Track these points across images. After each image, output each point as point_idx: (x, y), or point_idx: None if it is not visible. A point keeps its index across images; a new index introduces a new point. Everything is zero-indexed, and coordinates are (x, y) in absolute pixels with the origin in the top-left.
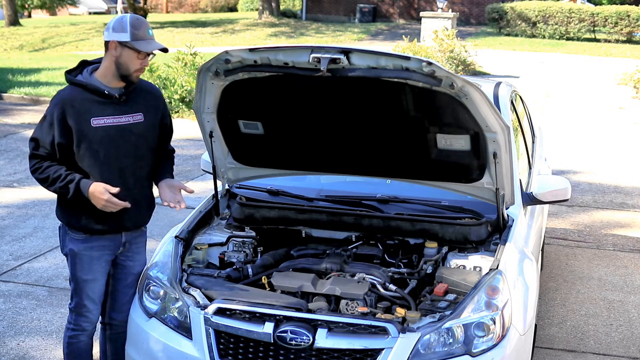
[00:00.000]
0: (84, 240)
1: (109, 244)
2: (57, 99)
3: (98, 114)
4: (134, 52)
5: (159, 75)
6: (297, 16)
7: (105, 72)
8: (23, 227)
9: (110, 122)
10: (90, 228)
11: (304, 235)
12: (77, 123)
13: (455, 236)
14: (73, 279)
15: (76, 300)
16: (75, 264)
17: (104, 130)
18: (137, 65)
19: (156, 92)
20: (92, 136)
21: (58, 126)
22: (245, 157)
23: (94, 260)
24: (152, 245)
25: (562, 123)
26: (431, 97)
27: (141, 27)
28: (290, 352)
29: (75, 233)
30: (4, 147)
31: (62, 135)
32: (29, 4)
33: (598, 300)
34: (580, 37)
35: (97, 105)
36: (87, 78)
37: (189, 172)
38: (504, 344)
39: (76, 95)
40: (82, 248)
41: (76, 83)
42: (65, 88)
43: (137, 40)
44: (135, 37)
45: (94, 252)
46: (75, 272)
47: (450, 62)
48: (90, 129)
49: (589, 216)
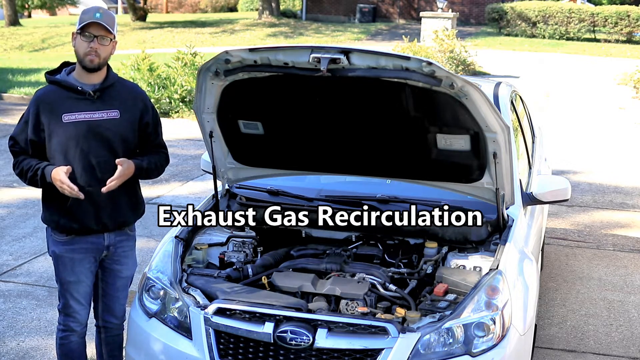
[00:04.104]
0: (66, 242)
1: (91, 247)
2: (34, 97)
3: (70, 110)
4: (82, 36)
5: (159, 75)
6: (297, 16)
7: (77, 69)
8: (23, 227)
9: (82, 118)
10: (69, 227)
11: (304, 235)
12: (49, 119)
13: (455, 236)
14: (58, 281)
15: (63, 302)
16: (58, 265)
17: (74, 125)
18: (84, 48)
19: (137, 91)
20: (63, 131)
21: (32, 123)
22: (245, 157)
23: (76, 262)
24: (152, 245)
25: (562, 123)
26: (431, 97)
27: (89, 12)
28: (290, 352)
29: (57, 235)
30: (4, 147)
31: (34, 132)
32: (29, 4)
33: (598, 300)
34: (580, 37)
35: (70, 101)
36: (63, 76)
37: (189, 172)
38: (504, 344)
39: (51, 93)
40: (64, 250)
41: (53, 81)
42: (44, 87)
43: (81, 24)
44: (82, 21)
45: (76, 254)
46: (59, 273)
47: (450, 62)
48: (61, 124)
49: (589, 216)
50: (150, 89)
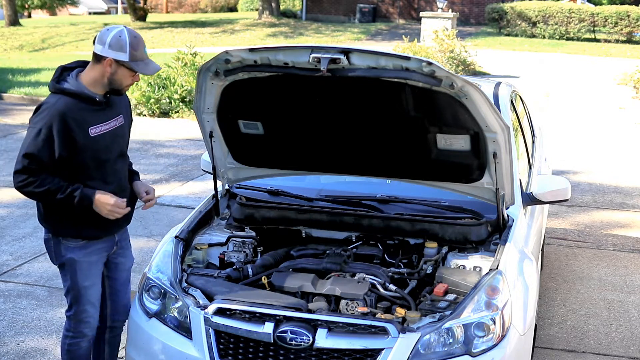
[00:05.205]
0: (82, 246)
1: (105, 246)
2: (53, 111)
3: (94, 122)
4: (130, 71)
5: (159, 75)
6: (297, 16)
7: (94, 82)
8: (23, 227)
9: (105, 129)
10: (89, 234)
11: (304, 236)
12: (78, 134)
13: (455, 236)
14: (73, 288)
15: (76, 308)
16: (75, 271)
17: (101, 137)
18: (129, 81)
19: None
20: (92, 145)
21: (59, 139)
22: (245, 157)
23: (92, 265)
24: (152, 245)
25: (562, 123)
26: (431, 97)
27: (139, 47)
28: (290, 352)
29: (72, 241)
30: (4, 147)
31: (64, 147)
32: (29, 4)
33: (598, 300)
34: (580, 37)
35: (92, 113)
36: (75, 86)
37: (189, 172)
38: (503, 344)
39: (72, 106)
40: (82, 255)
41: (69, 93)
42: (56, 99)
43: (135, 62)
44: (134, 57)
45: (93, 256)
46: (75, 280)
47: (450, 62)
48: (89, 137)
49: (589, 216)
50: (150, 89)
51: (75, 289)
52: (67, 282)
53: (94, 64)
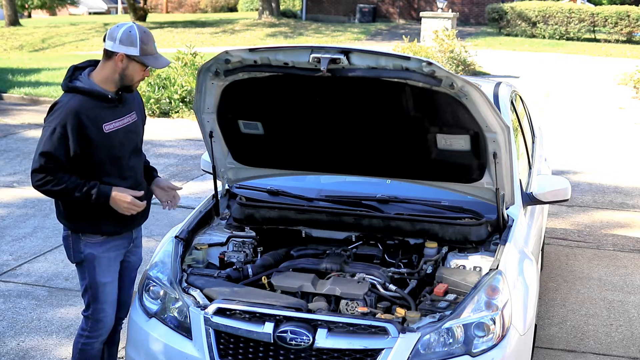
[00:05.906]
0: (102, 242)
1: (124, 242)
2: (67, 109)
3: (107, 119)
4: (141, 66)
5: (159, 74)
6: (297, 16)
7: (105, 80)
8: (23, 227)
9: (119, 125)
10: (108, 230)
11: (304, 236)
12: (92, 131)
13: (455, 236)
14: (91, 285)
15: (94, 307)
16: (95, 267)
17: (115, 133)
18: (140, 76)
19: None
20: (107, 141)
21: (74, 137)
22: (245, 157)
23: (112, 261)
24: (152, 245)
25: (562, 123)
26: (431, 97)
27: (149, 42)
28: (290, 352)
29: (91, 237)
30: (4, 147)
31: (79, 145)
32: (29, 4)
33: (598, 300)
34: (580, 37)
35: (105, 110)
36: (88, 84)
37: (189, 172)
38: (503, 344)
39: (85, 104)
40: (101, 250)
41: (82, 91)
42: (69, 97)
43: (146, 56)
44: (145, 52)
45: (112, 252)
46: (94, 276)
47: (450, 62)
48: (104, 135)
49: (589, 216)
50: (150, 89)
51: (94, 286)
52: (85, 280)
53: (105, 61)
